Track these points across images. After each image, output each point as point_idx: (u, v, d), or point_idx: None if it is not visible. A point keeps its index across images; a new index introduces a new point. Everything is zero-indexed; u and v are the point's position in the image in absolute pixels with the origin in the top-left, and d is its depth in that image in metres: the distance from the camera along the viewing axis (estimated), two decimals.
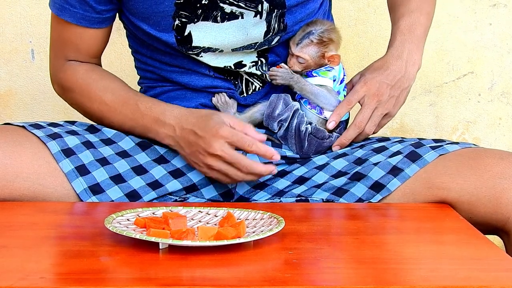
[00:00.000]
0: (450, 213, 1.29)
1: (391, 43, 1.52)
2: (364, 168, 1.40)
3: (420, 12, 1.53)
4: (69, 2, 1.44)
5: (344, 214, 1.30)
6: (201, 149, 1.36)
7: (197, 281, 0.93)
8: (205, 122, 1.36)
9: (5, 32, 2.08)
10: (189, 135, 1.37)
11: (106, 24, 1.49)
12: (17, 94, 2.10)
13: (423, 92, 2.16)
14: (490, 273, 0.97)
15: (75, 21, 1.45)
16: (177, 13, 1.40)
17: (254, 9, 1.41)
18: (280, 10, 1.41)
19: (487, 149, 1.41)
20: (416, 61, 1.50)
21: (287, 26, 1.43)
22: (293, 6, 1.42)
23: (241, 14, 1.41)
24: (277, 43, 1.45)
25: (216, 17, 1.40)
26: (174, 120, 1.40)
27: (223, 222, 1.13)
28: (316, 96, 1.43)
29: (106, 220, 1.10)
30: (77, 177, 1.37)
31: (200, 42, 1.42)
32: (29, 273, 0.94)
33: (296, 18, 1.43)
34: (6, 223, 1.21)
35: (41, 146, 1.39)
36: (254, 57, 1.46)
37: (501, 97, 2.16)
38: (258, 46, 1.44)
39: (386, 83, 1.47)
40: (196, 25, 1.41)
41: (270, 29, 1.42)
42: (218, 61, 1.44)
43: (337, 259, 1.05)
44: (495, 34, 2.14)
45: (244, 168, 1.34)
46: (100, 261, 1.00)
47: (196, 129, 1.36)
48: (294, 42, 1.43)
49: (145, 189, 1.39)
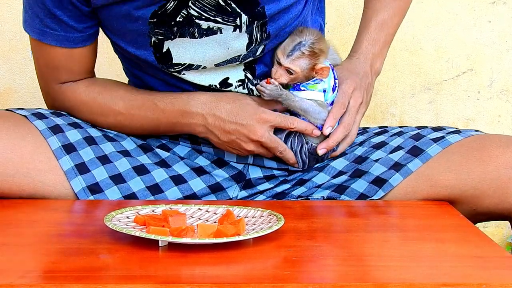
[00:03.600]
0: (450, 211, 1.29)
1: (358, 46, 1.49)
2: (364, 165, 1.40)
3: (393, 11, 1.50)
4: (49, 26, 1.36)
5: (343, 211, 1.30)
6: (242, 136, 1.34)
7: (197, 279, 0.93)
8: (242, 108, 1.34)
9: (4, 30, 2.08)
10: (226, 124, 1.34)
11: (91, 40, 1.42)
12: (16, 92, 2.10)
13: (422, 90, 2.16)
14: (490, 271, 0.97)
15: (59, 43, 1.38)
16: (153, 31, 1.32)
17: (233, 23, 1.32)
18: (260, 20, 1.33)
19: (491, 136, 1.38)
20: (378, 69, 1.50)
21: (270, 35, 1.34)
22: (274, 15, 1.33)
23: (219, 29, 1.32)
24: (262, 53, 1.37)
25: (194, 33, 1.32)
26: (202, 108, 1.36)
27: (222, 220, 1.13)
28: (306, 111, 1.36)
29: (106, 217, 1.10)
30: (76, 175, 1.36)
31: (180, 58, 1.34)
32: (29, 270, 0.94)
33: (279, 25, 1.34)
34: (6, 221, 1.20)
35: (42, 138, 1.37)
36: (241, 71, 1.38)
37: (500, 95, 2.16)
38: (243, 59, 1.36)
39: (363, 87, 1.44)
40: (174, 41, 1.33)
41: (253, 40, 1.34)
42: (202, 78, 1.37)
43: (336, 256, 1.05)
44: (495, 32, 2.14)
45: (279, 153, 1.36)
46: (100, 258, 1.00)
47: (235, 118, 1.34)
48: (284, 53, 1.33)
49: (144, 192, 1.38)
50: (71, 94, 1.45)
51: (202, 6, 1.30)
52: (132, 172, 1.40)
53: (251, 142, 1.35)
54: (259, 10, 1.32)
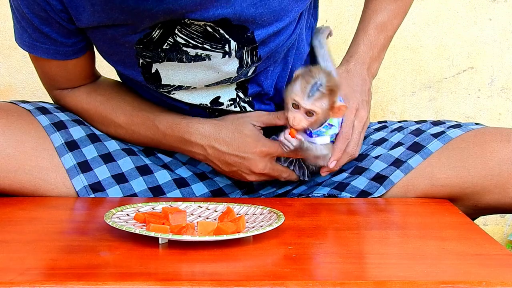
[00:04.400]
0: (450, 209, 1.29)
1: (355, 50, 1.45)
2: (365, 162, 1.40)
3: (393, 13, 1.46)
4: (38, 40, 1.33)
5: (344, 209, 1.30)
6: (244, 168, 1.33)
7: (197, 276, 0.93)
8: (242, 141, 1.32)
9: (4, 27, 2.08)
10: (226, 157, 1.33)
11: (84, 51, 1.37)
12: (17, 90, 2.10)
13: (422, 88, 2.16)
14: (491, 269, 0.97)
15: (51, 56, 1.35)
16: (140, 54, 1.27)
17: (221, 50, 1.26)
18: (250, 46, 1.27)
19: (491, 129, 1.37)
20: (374, 73, 1.46)
21: (261, 58, 1.29)
22: (265, 39, 1.27)
23: (208, 56, 1.27)
24: (254, 73, 1.32)
25: (182, 59, 1.27)
26: (202, 140, 1.34)
27: (222, 217, 1.13)
28: (318, 158, 1.31)
29: (106, 215, 1.10)
30: (78, 174, 1.36)
31: (169, 80, 1.30)
32: (29, 268, 0.94)
33: (271, 48, 1.29)
34: (6, 218, 1.20)
35: (45, 134, 1.37)
36: (233, 90, 1.34)
37: (501, 93, 2.16)
38: (234, 80, 1.32)
39: (365, 99, 1.39)
40: (162, 64, 1.28)
41: (243, 64, 1.29)
42: (193, 97, 1.34)
43: (337, 254, 1.05)
44: (495, 30, 2.14)
45: (283, 178, 1.37)
46: (100, 256, 1.00)
47: (235, 151, 1.32)
48: (303, 96, 1.24)
49: (146, 194, 1.37)
50: (72, 100, 1.43)
51: (189, 33, 1.25)
52: (135, 171, 1.39)
53: (253, 174, 1.34)
54: (248, 36, 1.26)
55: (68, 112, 1.43)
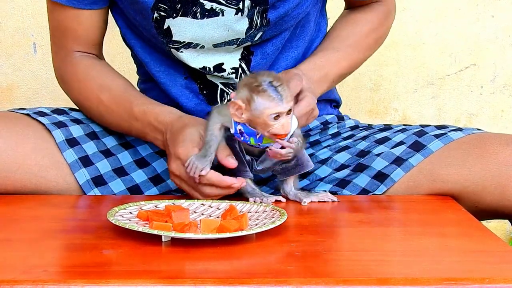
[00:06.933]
0: (453, 205, 1.29)
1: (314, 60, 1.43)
2: (367, 159, 1.40)
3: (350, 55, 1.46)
4: None
5: (346, 206, 1.30)
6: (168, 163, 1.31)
7: (200, 274, 0.93)
8: (177, 136, 1.29)
9: (7, 25, 2.08)
10: (166, 145, 1.32)
11: (100, 5, 1.42)
12: (19, 88, 2.10)
13: (425, 85, 2.16)
14: (493, 265, 0.97)
15: (67, 2, 1.40)
16: (156, 6, 1.34)
17: (236, 6, 1.34)
18: (262, 6, 1.35)
19: (492, 134, 1.38)
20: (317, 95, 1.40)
21: (270, 22, 1.37)
22: (276, 2, 1.35)
23: (222, 11, 1.35)
24: (260, 39, 1.39)
25: (196, 13, 1.35)
26: (164, 126, 1.34)
27: (225, 215, 1.13)
28: None
29: (109, 213, 1.10)
30: (80, 168, 1.37)
31: (180, 36, 1.37)
32: (32, 266, 0.94)
33: (280, 13, 1.36)
34: (9, 217, 1.21)
35: (44, 135, 1.38)
36: (237, 60, 1.40)
37: (503, 90, 2.16)
38: (241, 42, 1.38)
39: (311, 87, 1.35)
40: (175, 20, 1.35)
41: (253, 25, 1.36)
42: (198, 59, 1.39)
43: (339, 251, 1.05)
44: (498, 27, 2.14)
45: (194, 196, 1.27)
46: (103, 254, 1.00)
47: (168, 141, 1.31)
48: (275, 103, 1.16)
49: (147, 184, 1.39)
50: (71, 70, 1.46)
51: None
52: (134, 165, 1.42)
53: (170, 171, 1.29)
54: None
55: (66, 114, 1.46)
